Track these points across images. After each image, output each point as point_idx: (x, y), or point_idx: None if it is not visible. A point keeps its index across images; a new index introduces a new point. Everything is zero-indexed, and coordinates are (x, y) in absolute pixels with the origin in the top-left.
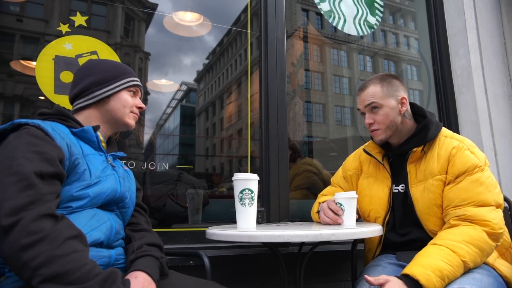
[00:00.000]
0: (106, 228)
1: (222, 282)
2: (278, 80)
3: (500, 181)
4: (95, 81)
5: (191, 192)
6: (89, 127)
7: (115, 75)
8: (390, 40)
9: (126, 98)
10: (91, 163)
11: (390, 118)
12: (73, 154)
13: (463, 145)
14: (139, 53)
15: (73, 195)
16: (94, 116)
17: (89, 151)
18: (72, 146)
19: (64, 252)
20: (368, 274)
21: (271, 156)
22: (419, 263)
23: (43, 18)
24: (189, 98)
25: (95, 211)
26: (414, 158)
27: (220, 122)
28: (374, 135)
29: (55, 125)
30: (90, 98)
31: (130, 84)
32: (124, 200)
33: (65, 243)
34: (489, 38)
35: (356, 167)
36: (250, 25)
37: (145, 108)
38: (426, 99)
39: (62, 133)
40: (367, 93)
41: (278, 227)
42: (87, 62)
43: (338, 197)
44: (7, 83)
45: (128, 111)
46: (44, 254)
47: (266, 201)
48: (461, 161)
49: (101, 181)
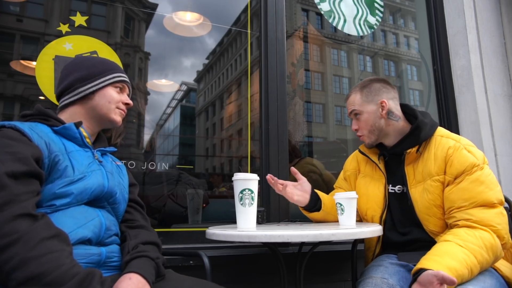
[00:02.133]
0: (94, 225)
1: (222, 282)
2: (278, 80)
3: (500, 181)
4: (80, 77)
5: (191, 192)
6: (71, 124)
7: (100, 71)
8: (390, 40)
9: (111, 94)
10: (75, 159)
11: (370, 122)
12: (52, 152)
13: (460, 145)
14: (139, 53)
15: (55, 193)
16: (79, 113)
17: (73, 148)
18: (52, 143)
19: (39, 253)
20: (370, 275)
21: (271, 156)
22: (447, 265)
23: (43, 18)
24: (189, 98)
25: (82, 208)
26: (411, 159)
27: (220, 122)
28: (361, 139)
29: (35, 125)
30: (74, 94)
31: (115, 79)
32: (114, 195)
33: (41, 243)
34: (489, 38)
35: (354, 167)
36: (250, 25)
37: (132, 104)
38: (426, 99)
39: (41, 132)
40: (349, 101)
41: (278, 227)
42: (73, 59)
43: (338, 197)
44: (7, 83)
45: (113, 107)
46: (18, 257)
47: (266, 201)
48: (458, 161)
49: (86, 176)
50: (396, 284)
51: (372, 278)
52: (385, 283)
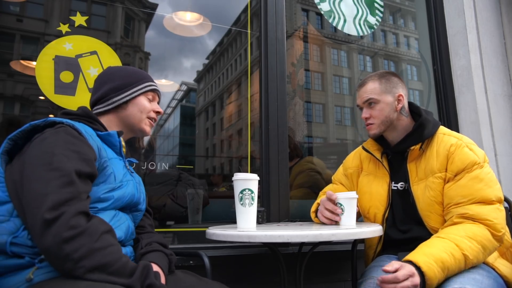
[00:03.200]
0: (126, 228)
1: (222, 282)
2: (278, 80)
3: (500, 181)
4: (113, 87)
5: (191, 192)
6: (114, 132)
7: (132, 81)
8: (390, 40)
9: (143, 103)
10: (115, 167)
11: (385, 113)
12: (102, 157)
13: (462, 142)
14: (139, 53)
15: (100, 197)
16: (113, 122)
17: (112, 155)
18: (101, 148)
19: (102, 245)
20: (371, 275)
21: (271, 156)
22: (423, 252)
23: (43, 18)
24: (189, 98)
25: (115, 212)
26: (414, 157)
27: (220, 122)
28: (368, 129)
29: (84, 127)
30: (108, 104)
31: (147, 89)
32: (139, 205)
33: (102, 237)
34: (489, 38)
35: (356, 165)
36: (250, 25)
37: (162, 112)
38: (426, 99)
39: (92, 135)
40: (365, 89)
41: (278, 227)
42: (107, 69)
43: (339, 198)
44: (7, 83)
45: (144, 116)
46: (85, 247)
47: (266, 201)
48: (460, 158)
49: (123, 185)
50: None
51: (373, 278)
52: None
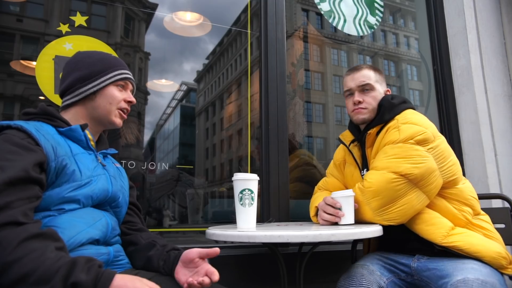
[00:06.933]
0: (102, 225)
1: (222, 282)
2: (278, 80)
3: (500, 181)
4: (80, 77)
5: (191, 192)
6: (77, 126)
7: (101, 69)
8: (390, 40)
9: (113, 93)
10: (81, 163)
11: (376, 101)
12: (59, 155)
13: (396, 123)
14: (139, 53)
15: (64, 197)
16: (81, 114)
17: (78, 150)
18: (58, 147)
19: (18, 256)
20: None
21: (271, 156)
22: None
23: (43, 18)
24: (189, 98)
25: (88, 209)
26: (370, 142)
27: (220, 122)
28: (358, 112)
29: (40, 126)
30: (75, 95)
31: (117, 77)
32: (117, 200)
33: (20, 246)
34: (489, 38)
35: (342, 157)
36: (250, 25)
37: (135, 102)
38: (426, 99)
39: (47, 134)
40: (362, 74)
41: (278, 227)
42: (74, 55)
43: (335, 197)
44: (7, 83)
45: (114, 108)
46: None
47: (266, 201)
48: (386, 138)
49: (93, 181)
50: (376, 270)
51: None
52: (366, 268)
